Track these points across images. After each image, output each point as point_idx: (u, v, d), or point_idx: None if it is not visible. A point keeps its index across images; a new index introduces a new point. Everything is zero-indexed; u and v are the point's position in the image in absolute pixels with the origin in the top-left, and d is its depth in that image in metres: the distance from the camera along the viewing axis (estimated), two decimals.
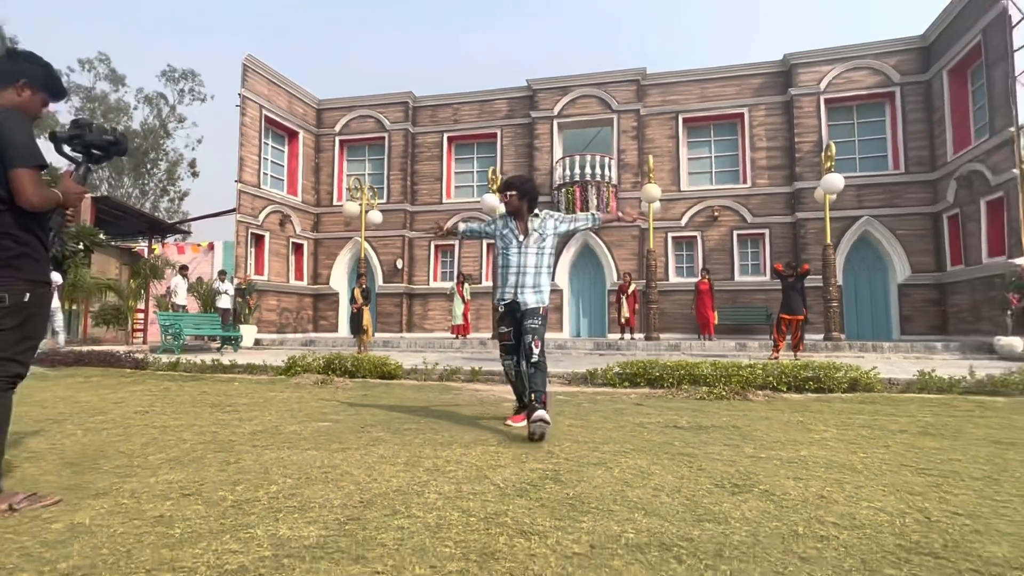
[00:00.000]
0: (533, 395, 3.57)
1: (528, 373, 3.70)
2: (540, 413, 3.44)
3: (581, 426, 4.07)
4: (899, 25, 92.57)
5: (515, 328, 3.93)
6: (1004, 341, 11.28)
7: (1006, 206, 12.62)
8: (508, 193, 3.97)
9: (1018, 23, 12.18)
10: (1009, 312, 11.39)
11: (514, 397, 4.33)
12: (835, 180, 12.80)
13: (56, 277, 11.51)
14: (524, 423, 3.71)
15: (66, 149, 2.37)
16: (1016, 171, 12.13)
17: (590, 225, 4.31)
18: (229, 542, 1.78)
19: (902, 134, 16.37)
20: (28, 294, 2.20)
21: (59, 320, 11.49)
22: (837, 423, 4.27)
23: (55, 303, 11.34)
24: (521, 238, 3.91)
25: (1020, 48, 12.11)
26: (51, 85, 2.36)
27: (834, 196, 13.35)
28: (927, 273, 15.74)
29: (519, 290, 3.86)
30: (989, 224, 13.44)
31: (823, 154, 14.07)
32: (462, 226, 4.35)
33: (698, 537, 1.86)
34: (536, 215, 4.00)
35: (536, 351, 3.71)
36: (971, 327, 13.93)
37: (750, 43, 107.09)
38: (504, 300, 3.93)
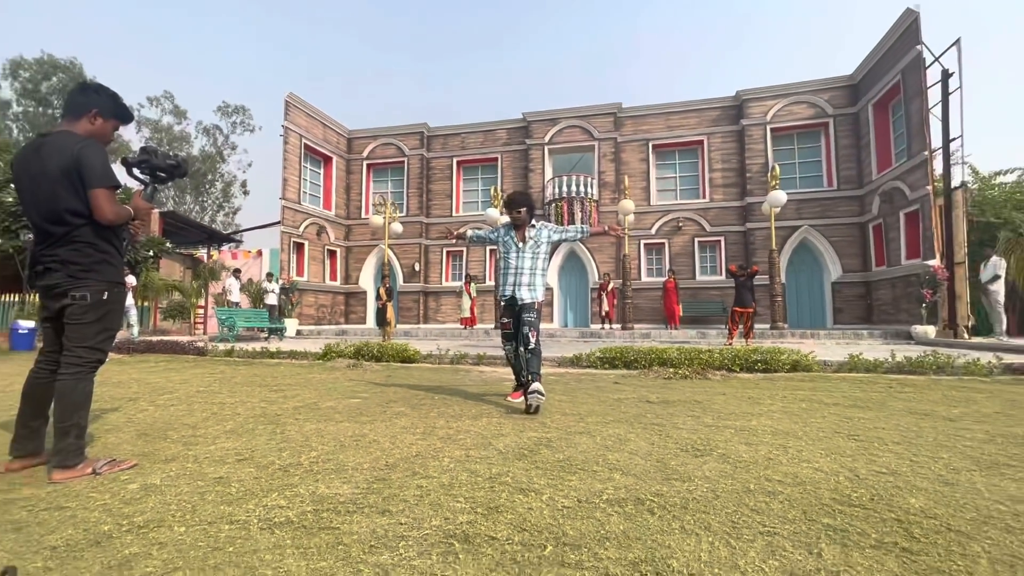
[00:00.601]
0: (531, 375, 3.57)
1: (526, 357, 3.70)
2: (536, 385, 3.44)
3: (569, 401, 4.06)
4: (832, 65, 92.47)
5: (514, 319, 3.93)
6: (920, 329, 11.29)
7: (921, 217, 12.62)
8: (520, 210, 3.91)
9: (930, 65, 12.16)
10: (924, 305, 11.39)
11: (513, 377, 4.31)
12: (779, 196, 12.79)
13: (131, 279, 11.48)
14: (522, 399, 3.70)
15: (135, 172, 2.35)
16: (929, 188, 12.13)
17: (579, 236, 4.24)
18: (277, 499, 1.78)
19: (835, 157, 16.35)
20: (106, 293, 2.19)
21: (133, 315, 11.46)
22: (782, 398, 4.26)
23: (129, 300, 11.30)
24: (520, 245, 3.90)
25: (932, 85, 12.10)
26: (119, 112, 2.32)
27: (778, 209, 13.33)
28: (855, 273, 15.73)
29: (517, 288, 3.86)
30: (907, 232, 13.42)
31: (769, 174, 14.05)
32: (470, 232, 4.32)
33: (667, 492, 1.86)
34: (533, 225, 3.98)
35: (532, 339, 3.70)
36: (892, 317, 13.93)
37: (709, 80, 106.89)
38: (505, 296, 3.92)
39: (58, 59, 31.12)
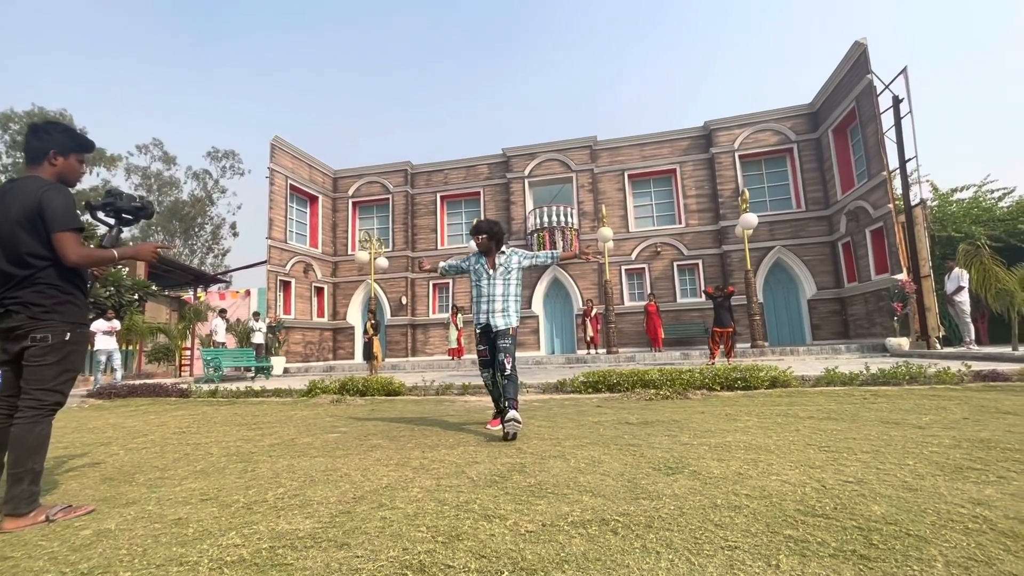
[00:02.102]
0: (507, 402, 3.52)
1: (502, 384, 3.65)
2: (512, 413, 3.38)
3: (548, 426, 3.99)
4: (792, 94, 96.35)
5: (490, 346, 3.88)
6: (894, 341, 11.43)
7: (885, 233, 12.95)
8: (480, 236, 3.93)
9: (881, 92, 12.73)
10: (895, 318, 11.56)
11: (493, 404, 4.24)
12: (750, 219, 13.08)
13: (115, 323, 11.22)
14: (501, 426, 3.61)
15: (100, 215, 2.33)
16: (890, 206, 12.50)
17: (549, 261, 4.23)
18: (234, 537, 1.70)
19: (801, 180, 16.83)
20: (68, 334, 2.14)
21: (117, 359, 11.15)
22: (758, 413, 4.25)
23: (113, 344, 11.02)
24: (491, 272, 3.88)
25: (885, 111, 12.63)
26: (77, 144, 2.25)
27: (751, 231, 13.60)
28: (829, 289, 15.99)
29: (491, 315, 3.80)
30: (874, 249, 13.75)
31: (739, 198, 14.41)
32: (442, 264, 4.26)
33: (633, 512, 1.81)
34: (503, 252, 3.96)
35: (508, 366, 3.65)
36: (867, 331, 14.11)
37: (679, 111, 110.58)
38: (480, 323, 3.88)
39: (48, 111, 31.25)
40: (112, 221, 2.36)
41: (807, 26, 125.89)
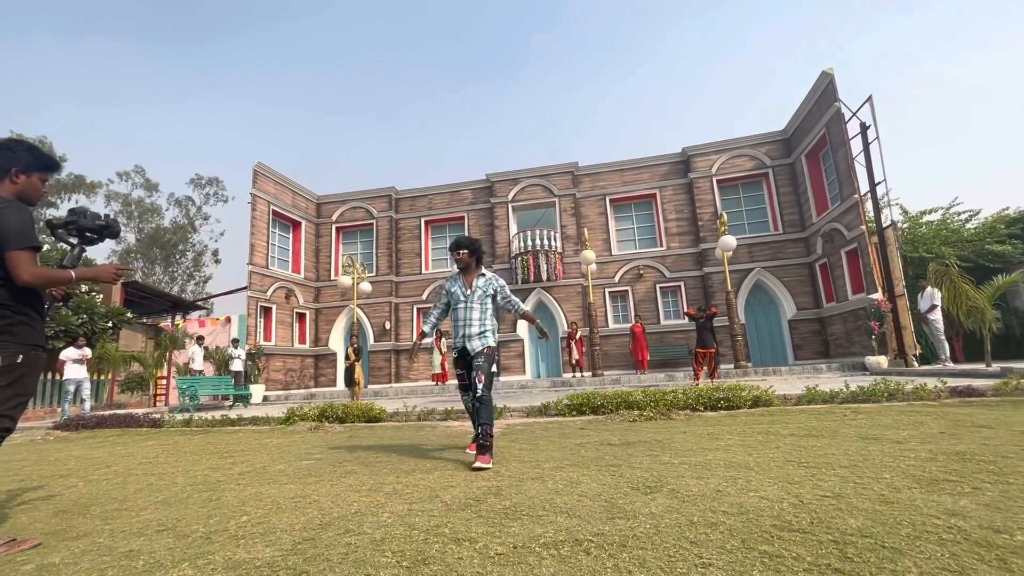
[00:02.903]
0: (480, 427, 3.35)
1: (475, 408, 3.48)
2: (478, 464, 3.13)
3: (529, 448, 3.92)
4: (767, 121, 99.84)
5: (467, 370, 3.73)
6: (873, 360, 11.58)
7: (860, 254, 13.27)
8: (460, 251, 3.80)
9: (849, 119, 13.23)
10: (873, 337, 11.75)
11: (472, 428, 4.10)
12: (729, 241, 13.30)
13: (86, 351, 10.85)
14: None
15: (62, 233, 2.26)
16: (863, 227, 12.85)
17: (514, 311, 3.97)
18: (186, 569, 1.60)
19: (777, 203, 17.25)
20: (21, 356, 2.04)
21: (86, 389, 10.75)
22: (740, 432, 4.22)
23: (83, 373, 10.64)
24: (467, 292, 3.74)
25: (854, 137, 13.10)
26: (41, 163, 2.18)
27: (730, 253, 13.81)
28: (809, 310, 16.23)
29: (467, 340, 3.66)
30: (850, 269, 14.05)
31: (718, 222, 14.69)
32: (427, 328, 3.88)
33: (607, 532, 1.76)
34: (483, 274, 3.84)
35: (480, 386, 3.44)
36: (847, 350, 14.29)
37: (659, 137, 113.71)
38: (456, 348, 3.76)
39: (28, 139, 30.92)
40: (75, 240, 2.29)
41: (778, 56, 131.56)
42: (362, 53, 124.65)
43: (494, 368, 3.86)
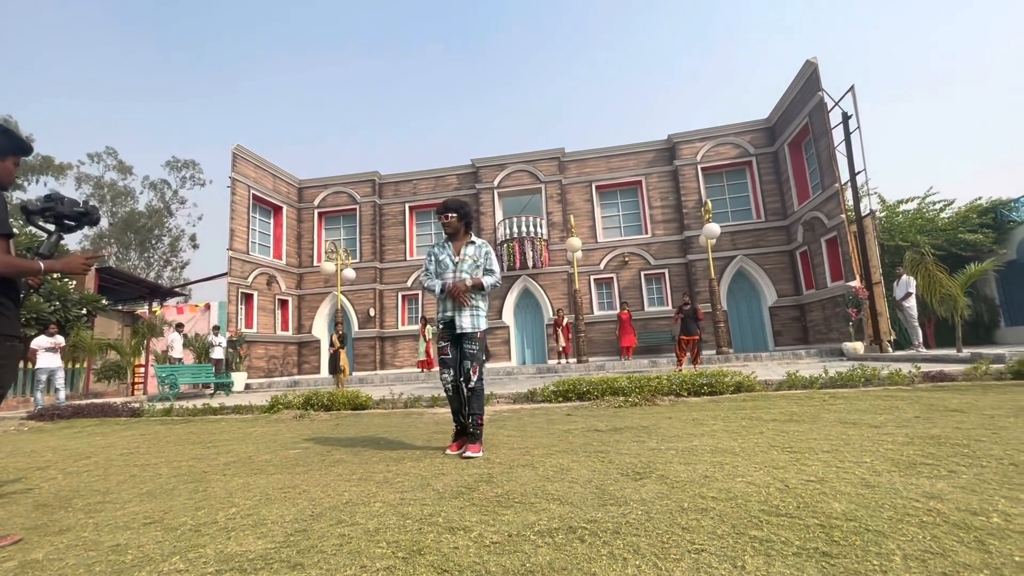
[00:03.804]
0: (471, 417, 3.32)
1: (467, 397, 3.38)
2: (468, 453, 3.12)
3: (518, 435, 3.94)
4: (751, 109, 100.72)
5: (452, 343, 3.46)
6: (850, 345, 11.90)
7: (839, 243, 13.54)
8: (448, 215, 3.50)
9: (831, 109, 13.38)
10: (850, 323, 12.05)
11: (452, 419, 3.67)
12: (713, 228, 13.45)
13: (59, 339, 10.56)
14: (458, 451, 3.28)
15: (38, 220, 2.17)
16: (843, 216, 13.09)
17: (488, 284, 3.50)
18: (177, 563, 1.58)
19: (760, 192, 17.46)
20: None
21: (60, 378, 10.47)
22: (724, 417, 4.31)
23: (56, 362, 10.36)
24: (455, 260, 3.47)
25: (835, 126, 13.26)
26: (15, 146, 2.10)
27: (714, 241, 13.99)
28: (789, 297, 16.55)
29: (457, 312, 3.40)
30: (829, 257, 14.34)
31: (702, 209, 14.83)
32: (437, 289, 3.50)
33: (601, 519, 1.78)
34: (472, 242, 3.55)
35: (474, 377, 3.34)
36: (825, 336, 14.65)
37: (644, 124, 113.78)
38: (444, 320, 3.47)
39: None
40: (52, 227, 2.20)
41: (763, 44, 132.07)
42: (343, 35, 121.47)
43: (483, 355, 3.66)
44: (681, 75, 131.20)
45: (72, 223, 2.26)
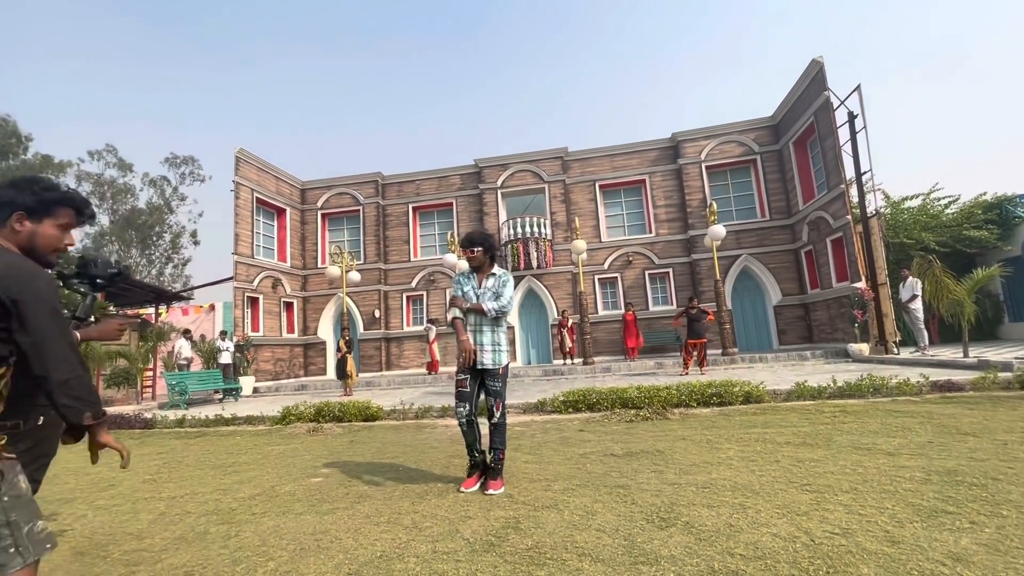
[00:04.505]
0: (493, 452, 3.37)
1: (490, 431, 3.43)
2: (491, 491, 3.17)
3: (535, 461, 4.00)
4: (755, 107, 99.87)
5: (471, 377, 3.43)
6: (855, 347, 11.94)
7: (844, 243, 13.53)
8: (474, 249, 3.45)
9: (837, 107, 13.31)
10: (856, 324, 12.08)
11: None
12: (718, 231, 13.44)
13: None
14: (475, 487, 3.31)
15: (73, 284, 2.20)
16: (849, 217, 13.07)
17: (488, 308, 3.42)
18: None
19: (765, 190, 17.40)
20: (42, 418, 2.01)
21: None
22: (738, 438, 4.35)
23: None
24: (479, 292, 3.47)
25: (841, 125, 13.20)
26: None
27: (719, 242, 13.98)
28: (794, 296, 16.56)
29: (479, 348, 3.38)
30: (834, 257, 14.33)
31: (707, 210, 14.80)
32: (460, 313, 3.47)
33: None
34: (494, 274, 3.53)
35: (497, 413, 3.38)
36: (830, 336, 14.69)
37: (647, 123, 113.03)
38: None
39: None
40: (86, 290, 2.23)
41: (768, 41, 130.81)
42: (346, 33, 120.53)
43: (506, 391, 3.60)
44: (684, 74, 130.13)
45: (104, 283, 2.30)
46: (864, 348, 11.83)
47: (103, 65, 70.20)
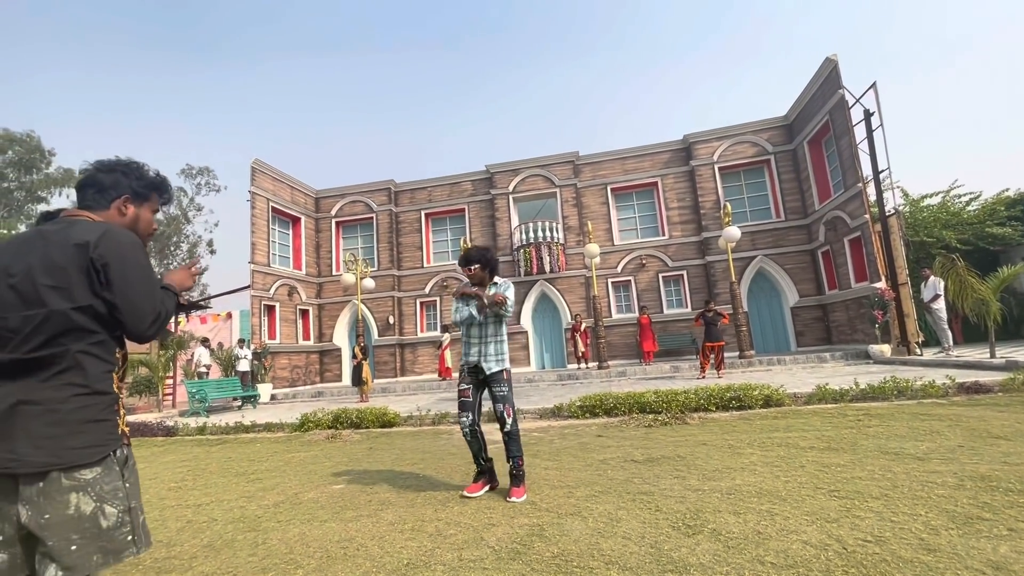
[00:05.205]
0: (511, 460, 3.35)
1: (504, 441, 3.40)
2: (513, 498, 3.17)
3: (555, 466, 3.99)
4: (768, 107, 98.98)
5: (473, 387, 3.49)
6: (876, 348, 11.71)
7: (863, 243, 13.30)
8: (471, 267, 3.53)
9: (852, 106, 13.14)
10: (876, 325, 11.86)
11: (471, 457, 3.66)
12: (733, 232, 13.31)
13: None
14: (481, 492, 3.35)
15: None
16: (867, 216, 12.86)
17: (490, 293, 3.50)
18: None
19: (779, 190, 17.19)
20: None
21: None
22: (759, 443, 4.29)
23: None
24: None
25: (857, 124, 13.02)
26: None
27: (733, 244, 13.84)
28: (811, 297, 16.31)
29: (482, 357, 3.45)
30: (852, 257, 14.09)
31: (721, 212, 14.67)
32: (454, 318, 3.61)
33: None
34: (496, 284, 3.57)
35: (509, 420, 3.35)
36: (849, 337, 14.43)
37: (660, 124, 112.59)
38: (468, 363, 3.51)
39: (14, 133, 30.35)
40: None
41: (781, 38, 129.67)
42: (358, 42, 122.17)
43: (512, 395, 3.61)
44: (693, 72, 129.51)
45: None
46: (885, 349, 11.60)
47: (122, 76, 71.92)
